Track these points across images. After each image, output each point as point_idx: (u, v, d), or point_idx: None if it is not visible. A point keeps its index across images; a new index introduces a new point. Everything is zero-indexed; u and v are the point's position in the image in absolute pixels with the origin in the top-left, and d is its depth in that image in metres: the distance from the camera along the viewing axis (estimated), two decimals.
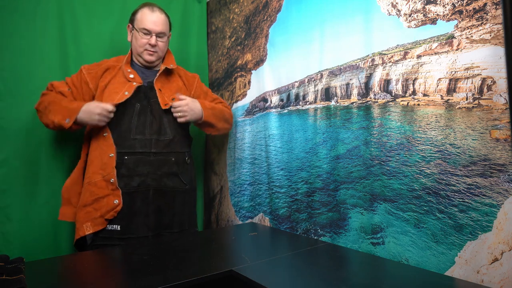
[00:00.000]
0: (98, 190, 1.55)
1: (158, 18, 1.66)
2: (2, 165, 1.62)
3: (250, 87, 2.00)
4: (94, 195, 1.55)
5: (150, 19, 1.64)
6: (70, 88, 1.64)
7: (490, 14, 1.02)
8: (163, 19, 1.68)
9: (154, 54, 1.68)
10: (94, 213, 1.54)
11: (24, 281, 0.98)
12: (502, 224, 0.98)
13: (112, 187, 1.56)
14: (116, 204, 1.55)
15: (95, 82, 1.65)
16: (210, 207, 2.26)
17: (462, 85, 1.09)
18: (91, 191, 1.56)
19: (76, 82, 1.66)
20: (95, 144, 1.60)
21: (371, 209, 1.32)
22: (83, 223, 1.54)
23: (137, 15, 1.68)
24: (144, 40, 1.65)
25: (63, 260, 1.32)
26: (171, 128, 1.68)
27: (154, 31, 1.65)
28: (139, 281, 1.06)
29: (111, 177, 1.56)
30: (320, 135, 1.55)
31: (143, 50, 1.67)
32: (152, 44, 1.65)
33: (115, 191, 1.55)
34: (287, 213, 1.68)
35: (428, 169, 1.15)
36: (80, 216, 1.55)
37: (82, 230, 1.53)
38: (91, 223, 1.53)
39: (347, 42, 1.44)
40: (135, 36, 1.68)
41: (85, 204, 1.55)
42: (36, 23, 1.73)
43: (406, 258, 1.20)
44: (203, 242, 1.52)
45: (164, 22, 1.69)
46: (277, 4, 1.78)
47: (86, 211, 1.55)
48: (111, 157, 1.57)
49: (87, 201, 1.55)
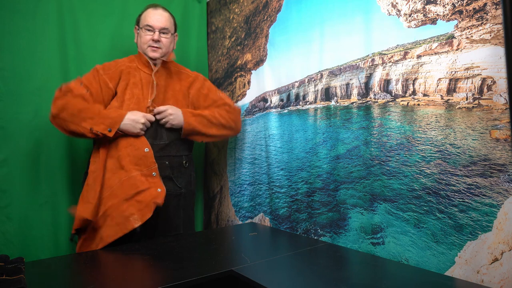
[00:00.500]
0: (140, 184, 1.54)
1: (161, 15, 1.70)
2: (2, 165, 1.62)
3: (250, 87, 2.00)
4: (135, 188, 1.53)
5: (153, 16, 1.69)
6: (89, 90, 1.59)
7: (490, 14, 1.02)
8: (166, 16, 1.72)
9: (157, 50, 1.69)
10: (138, 205, 1.52)
11: (24, 281, 0.98)
12: (502, 224, 0.98)
13: (154, 180, 1.56)
14: (159, 192, 1.55)
15: (115, 82, 1.65)
16: (210, 207, 2.26)
17: (462, 85, 1.09)
18: (132, 184, 1.53)
19: (94, 83, 1.62)
20: (124, 142, 1.58)
21: (371, 209, 1.32)
22: (129, 217, 1.50)
23: (141, 16, 1.72)
24: (148, 37, 1.67)
25: (63, 260, 1.32)
26: (167, 132, 1.67)
27: (157, 26, 1.68)
28: (139, 281, 1.06)
29: (152, 171, 1.57)
30: (320, 135, 1.55)
31: (147, 47, 1.68)
32: (155, 39, 1.66)
33: (156, 183, 1.56)
34: (287, 213, 1.68)
35: (428, 169, 1.15)
36: (124, 210, 1.51)
37: (130, 223, 1.50)
38: (138, 215, 1.51)
39: (347, 42, 1.44)
40: (140, 35, 1.70)
41: (126, 198, 1.52)
42: (36, 23, 1.73)
43: (406, 258, 1.20)
44: (203, 242, 1.52)
45: (167, 19, 1.72)
46: (277, 4, 1.78)
47: (129, 204, 1.52)
48: (147, 152, 1.58)
49: (128, 195, 1.52)
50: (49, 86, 1.74)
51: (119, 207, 1.51)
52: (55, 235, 1.73)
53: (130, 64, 1.71)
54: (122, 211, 1.50)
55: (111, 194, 1.53)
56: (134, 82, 1.66)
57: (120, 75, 1.66)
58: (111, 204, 1.51)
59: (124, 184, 1.53)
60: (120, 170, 1.55)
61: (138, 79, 1.68)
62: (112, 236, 1.48)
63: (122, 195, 1.52)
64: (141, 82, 1.68)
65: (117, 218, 1.50)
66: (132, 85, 1.65)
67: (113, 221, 1.50)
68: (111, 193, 1.53)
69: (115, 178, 1.54)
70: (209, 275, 1.06)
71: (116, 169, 1.56)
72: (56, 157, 1.76)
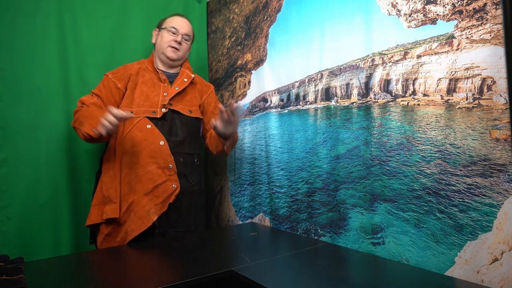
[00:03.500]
0: (157, 177, 1.59)
1: (186, 23, 1.82)
2: (2, 165, 1.62)
3: (250, 87, 2.00)
4: (153, 182, 1.58)
5: (179, 21, 1.80)
6: (100, 96, 1.66)
7: (490, 14, 1.02)
8: (190, 25, 1.84)
9: (176, 52, 1.77)
10: (156, 200, 1.58)
11: (24, 281, 0.98)
12: (502, 224, 0.98)
13: (170, 172, 1.61)
14: (174, 188, 1.61)
15: (124, 82, 1.70)
16: (210, 207, 2.26)
17: (462, 85, 1.09)
18: (149, 179, 1.58)
19: (103, 88, 1.69)
20: (139, 137, 1.61)
21: (371, 209, 1.32)
22: (149, 211, 1.56)
23: (166, 20, 1.82)
24: (171, 37, 1.76)
25: (63, 260, 1.32)
26: (182, 129, 1.71)
27: (181, 31, 1.78)
28: (139, 281, 1.06)
29: (169, 163, 1.61)
30: (320, 135, 1.55)
31: (167, 47, 1.75)
32: (178, 41, 1.76)
33: (172, 176, 1.61)
34: (287, 213, 1.68)
35: (428, 169, 1.15)
36: (145, 205, 1.56)
37: (149, 219, 1.55)
38: (154, 209, 1.57)
39: (347, 42, 1.44)
40: (162, 35, 1.78)
41: (146, 192, 1.57)
42: (36, 23, 1.73)
43: (406, 258, 1.20)
44: (203, 242, 1.52)
45: (191, 28, 1.84)
46: (277, 4, 1.78)
47: (148, 199, 1.57)
48: (162, 145, 1.62)
49: (147, 189, 1.57)
50: (49, 86, 1.75)
51: (140, 202, 1.56)
52: (55, 235, 1.73)
53: (140, 66, 1.77)
54: (143, 206, 1.56)
55: (131, 190, 1.58)
56: (143, 81, 1.71)
57: (129, 76, 1.72)
58: (132, 199, 1.57)
59: (142, 179, 1.58)
60: (136, 165, 1.59)
61: (148, 78, 1.73)
62: (136, 230, 1.54)
63: (142, 190, 1.57)
64: (151, 80, 1.72)
65: (139, 212, 1.56)
66: (141, 84, 1.70)
67: (136, 216, 1.56)
68: (130, 189, 1.58)
69: (132, 174, 1.59)
70: (209, 275, 1.06)
71: (132, 164, 1.60)
72: (56, 157, 1.75)
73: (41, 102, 1.72)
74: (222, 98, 2.23)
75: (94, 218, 1.59)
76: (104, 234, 1.58)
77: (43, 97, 1.72)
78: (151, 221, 1.55)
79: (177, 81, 1.77)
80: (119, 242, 1.56)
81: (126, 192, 1.58)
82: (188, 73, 1.82)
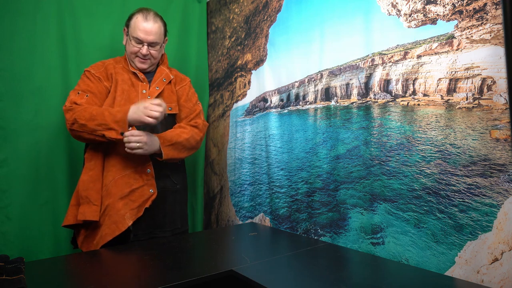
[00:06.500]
0: (133, 182, 1.56)
1: (151, 27, 1.63)
2: (2, 165, 1.62)
3: (250, 87, 2.00)
4: (129, 186, 1.55)
5: (142, 28, 1.62)
6: (89, 93, 1.59)
7: (490, 14, 1.02)
8: (156, 28, 1.65)
9: (145, 62, 1.67)
10: (132, 204, 1.55)
11: (24, 281, 0.98)
12: (502, 224, 0.98)
13: (148, 177, 1.58)
14: (151, 193, 1.58)
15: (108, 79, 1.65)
16: (210, 207, 2.26)
17: (462, 85, 1.09)
18: (126, 183, 1.55)
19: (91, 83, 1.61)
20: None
21: (371, 209, 1.32)
22: (124, 215, 1.53)
23: (131, 21, 1.65)
24: (136, 49, 1.64)
25: (63, 260, 1.32)
26: (162, 128, 1.65)
27: (146, 40, 1.63)
28: (139, 281, 1.06)
29: (147, 168, 1.58)
30: (320, 135, 1.55)
31: (135, 57, 1.66)
32: (143, 54, 1.64)
33: (150, 181, 1.58)
34: (287, 213, 1.68)
35: (428, 169, 1.15)
36: (120, 209, 1.53)
37: (124, 223, 1.51)
38: (130, 214, 1.53)
39: (347, 42, 1.44)
40: (128, 42, 1.67)
41: (122, 196, 1.54)
42: (36, 23, 1.73)
43: (406, 258, 1.20)
44: (203, 242, 1.52)
45: (157, 32, 1.65)
46: (277, 4, 1.78)
47: (124, 203, 1.54)
48: None
49: (123, 193, 1.54)
50: (49, 86, 1.75)
51: (115, 206, 1.52)
52: (55, 235, 1.73)
53: (117, 65, 1.69)
54: (118, 210, 1.52)
55: (107, 193, 1.54)
56: (122, 79, 1.65)
57: (110, 74, 1.66)
58: (108, 203, 1.53)
59: (118, 182, 1.54)
60: (115, 168, 1.56)
61: (127, 78, 1.67)
62: (110, 234, 1.49)
63: (117, 194, 1.53)
64: (130, 80, 1.67)
65: (114, 217, 1.52)
66: (121, 82, 1.64)
67: (110, 220, 1.52)
68: (107, 192, 1.54)
69: (109, 176, 1.55)
70: (209, 275, 1.06)
71: (111, 166, 1.56)
72: (56, 157, 1.76)
73: (41, 102, 1.72)
74: (222, 98, 2.23)
75: (71, 218, 1.54)
76: (84, 235, 1.55)
77: (43, 97, 1.72)
78: (126, 226, 1.51)
79: (156, 80, 1.70)
80: (95, 246, 1.50)
81: (104, 195, 1.54)
82: (167, 73, 1.73)
